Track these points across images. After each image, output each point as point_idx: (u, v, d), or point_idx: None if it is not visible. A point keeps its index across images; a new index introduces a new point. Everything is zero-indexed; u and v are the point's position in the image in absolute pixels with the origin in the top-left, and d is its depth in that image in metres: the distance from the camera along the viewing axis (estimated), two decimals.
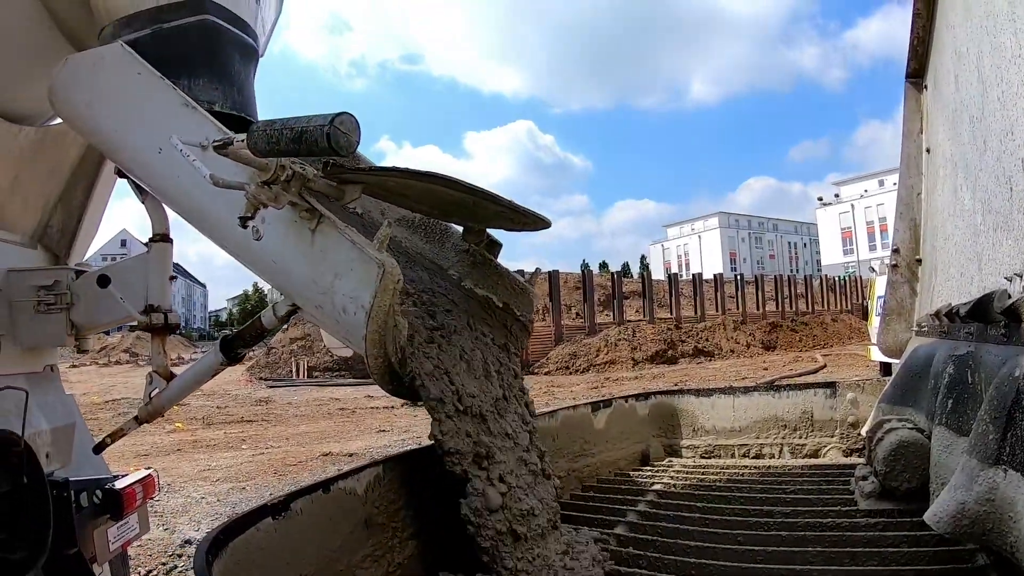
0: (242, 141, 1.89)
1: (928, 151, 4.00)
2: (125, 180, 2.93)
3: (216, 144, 1.93)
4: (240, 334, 2.75)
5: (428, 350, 2.31)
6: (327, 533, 2.04)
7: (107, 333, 51.42)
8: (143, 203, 2.93)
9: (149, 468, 3.45)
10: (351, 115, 1.73)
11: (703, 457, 4.36)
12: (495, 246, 2.95)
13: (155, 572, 5.77)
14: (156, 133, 2.40)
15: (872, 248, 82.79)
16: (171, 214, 2.91)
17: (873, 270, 18.06)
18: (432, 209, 2.55)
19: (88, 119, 2.65)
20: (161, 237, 2.97)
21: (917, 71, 4.13)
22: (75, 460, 3.28)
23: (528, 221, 2.58)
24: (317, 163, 2.13)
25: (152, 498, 3.50)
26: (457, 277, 2.86)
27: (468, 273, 2.89)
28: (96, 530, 3.03)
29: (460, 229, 2.92)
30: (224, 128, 2.26)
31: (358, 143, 1.75)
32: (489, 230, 2.88)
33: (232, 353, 2.73)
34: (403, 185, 2.16)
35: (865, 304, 18.36)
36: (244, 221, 2.01)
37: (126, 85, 2.52)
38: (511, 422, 2.58)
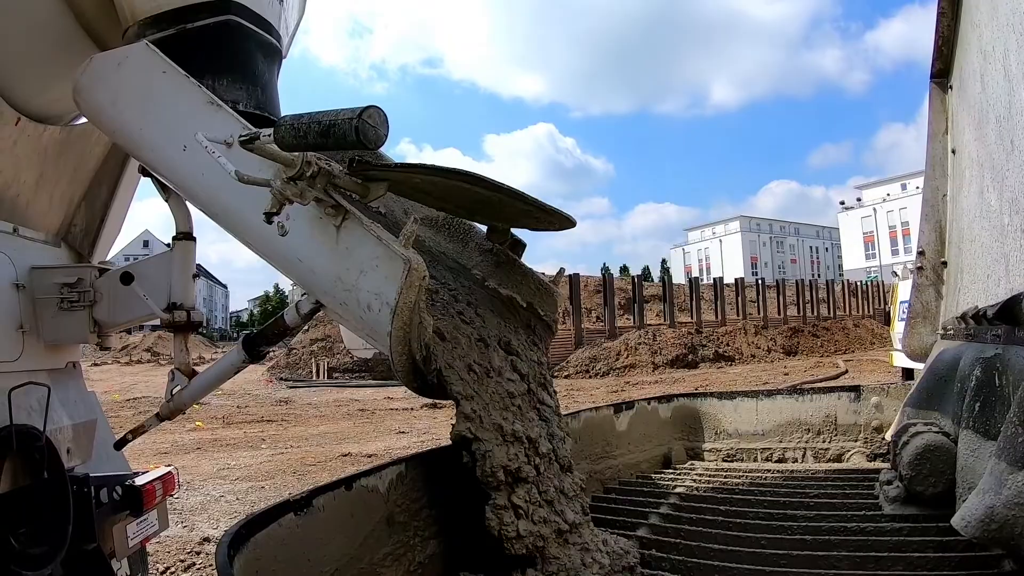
0: (268, 135, 1.89)
1: (954, 152, 3.96)
2: (149, 179, 2.94)
3: (243, 139, 1.94)
4: (263, 332, 2.76)
5: (453, 348, 2.31)
6: (349, 531, 2.04)
7: (129, 332, 51.99)
8: (167, 201, 2.95)
9: (169, 465, 3.48)
10: (379, 108, 1.72)
11: (725, 460, 4.34)
12: (519, 246, 2.94)
13: (173, 569, 5.82)
14: (181, 131, 2.41)
15: (895, 252, 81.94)
16: (194, 212, 2.93)
17: (896, 274, 17.83)
18: (457, 208, 2.55)
19: (112, 118, 2.65)
20: (185, 235, 2.99)
21: (942, 71, 4.08)
22: (96, 456, 3.30)
23: (554, 220, 2.57)
24: (342, 160, 2.14)
25: (172, 495, 3.53)
26: (481, 276, 2.86)
27: (492, 273, 2.88)
28: (115, 526, 3.05)
29: (483, 229, 2.91)
30: (249, 125, 2.27)
31: (386, 136, 1.75)
32: (513, 230, 2.87)
33: (255, 351, 2.75)
34: (429, 183, 2.16)
35: (887, 309, 18.10)
36: (269, 217, 2.01)
37: (151, 83, 2.53)
38: (537, 420, 2.56)
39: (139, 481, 3.16)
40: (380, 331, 2.00)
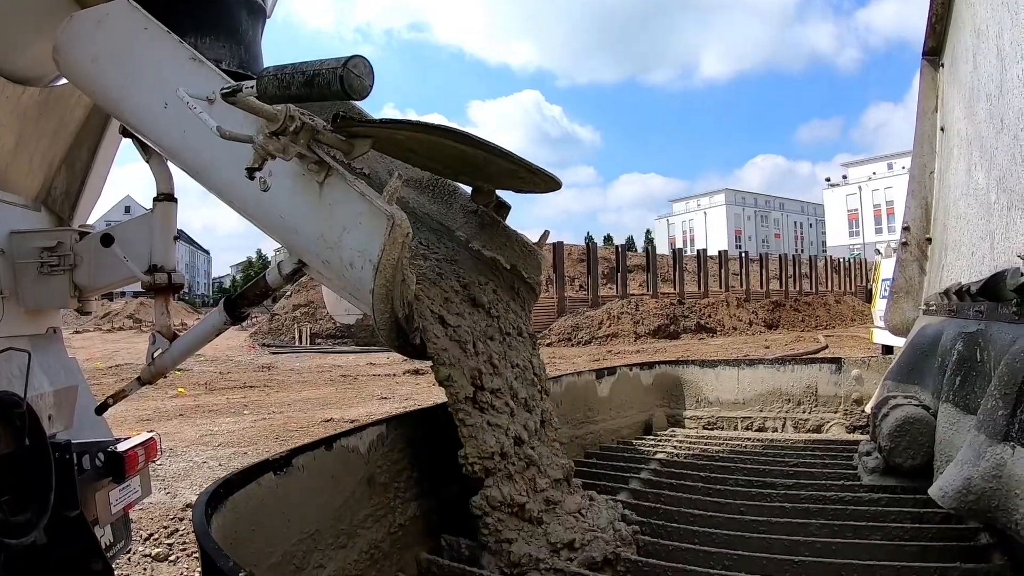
0: (251, 87, 1.84)
1: (943, 130, 3.95)
2: (130, 140, 2.89)
3: (225, 91, 1.88)
4: (244, 293, 2.73)
5: (435, 307, 2.30)
6: (329, 491, 2.03)
7: (110, 299, 51.62)
8: (147, 162, 2.90)
9: (151, 431, 3.46)
10: (364, 58, 1.68)
11: (706, 428, 4.37)
12: (504, 208, 2.91)
13: (156, 535, 5.81)
14: (162, 88, 2.37)
15: (878, 231, 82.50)
16: (176, 174, 2.89)
17: (879, 252, 17.93)
18: (442, 167, 2.52)
19: (93, 77, 2.60)
20: (165, 196, 2.94)
21: (934, 49, 4.06)
22: (77, 423, 3.28)
23: (539, 181, 2.55)
24: (326, 117, 2.09)
25: (154, 461, 3.51)
26: (465, 238, 2.83)
27: (476, 234, 2.85)
28: (98, 493, 3.03)
29: (468, 190, 2.88)
30: (231, 80, 2.21)
31: (371, 87, 1.71)
32: (498, 192, 2.84)
33: (236, 312, 2.71)
34: (414, 140, 2.12)
35: (869, 287, 18.29)
36: (251, 172, 1.97)
37: (132, 40, 2.48)
38: (520, 383, 2.56)
39: (121, 447, 3.14)
40: (363, 289, 1.97)
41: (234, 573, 1.14)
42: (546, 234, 3.00)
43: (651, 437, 4.14)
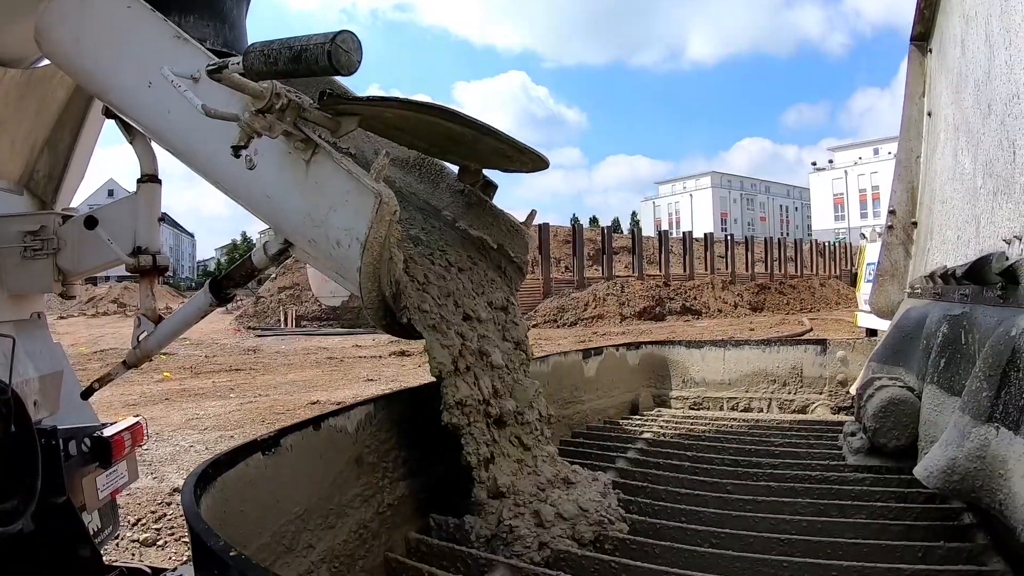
0: (237, 63, 1.81)
1: (929, 115, 3.97)
2: (113, 121, 2.84)
3: (211, 68, 1.85)
4: (230, 274, 2.70)
5: (424, 285, 2.29)
6: (317, 471, 2.02)
7: (95, 283, 51.17)
8: (131, 143, 2.86)
9: (137, 416, 3.44)
10: (352, 33, 1.65)
11: (692, 408, 4.39)
12: (491, 187, 2.90)
13: (144, 520, 5.81)
14: (146, 67, 2.32)
15: (864, 216, 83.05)
16: (160, 155, 2.85)
17: (864, 237, 18.10)
18: (429, 145, 2.50)
19: (76, 57, 2.55)
20: (149, 178, 2.90)
21: (922, 35, 4.06)
22: (63, 408, 3.26)
23: (527, 160, 2.54)
24: (312, 95, 2.07)
25: (140, 445, 3.50)
26: (451, 218, 2.82)
27: (463, 214, 2.84)
28: (85, 478, 3.02)
29: (455, 170, 2.86)
30: (216, 58, 2.18)
31: (359, 63, 1.68)
32: (485, 171, 2.83)
33: (221, 294, 2.69)
34: (401, 118, 2.10)
35: (854, 271, 18.43)
36: (237, 151, 1.94)
37: (115, 19, 2.42)
38: (508, 361, 2.57)
39: (107, 432, 3.12)
40: (350, 267, 1.96)
41: (224, 552, 1.13)
42: (533, 213, 2.99)
43: (637, 417, 4.16)
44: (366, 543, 2.13)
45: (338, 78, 2.69)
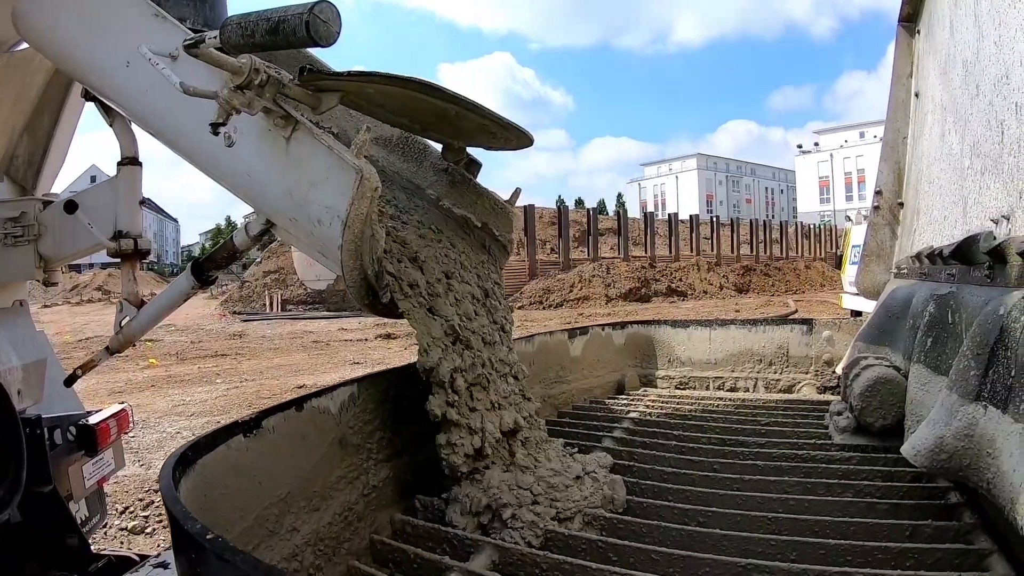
0: (214, 37, 1.77)
1: (917, 96, 3.96)
2: (93, 104, 2.80)
3: (187, 43, 1.81)
4: (212, 256, 2.66)
5: (406, 262, 2.26)
6: (300, 453, 1.99)
7: (78, 271, 50.77)
8: (111, 126, 2.82)
9: (122, 403, 3.41)
10: (331, 3, 1.61)
11: (678, 388, 4.39)
12: (475, 165, 2.86)
13: (132, 508, 5.79)
14: (124, 46, 2.28)
15: (849, 198, 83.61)
16: (142, 139, 2.81)
17: (849, 219, 18.19)
18: (412, 122, 2.46)
19: (54, 39, 2.51)
20: (130, 160, 2.86)
21: (910, 16, 4.05)
22: (47, 397, 3.23)
23: (511, 137, 2.50)
24: (293, 71, 2.03)
25: (126, 433, 3.48)
26: (435, 196, 2.78)
27: (446, 192, 2.80)
28: (71, 467, 3.01)
29: (439, 148, 2.83)
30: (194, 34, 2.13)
31: (339, 33, 1.64)
32: (469, 149, 2.79)
33: (203, 276, 2.65)
34: (383, 94, 2.06)
35: (839, 253, 18.55)
36: (215, 128, 1.91)
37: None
38: (492, 341, 2.55)
39: (92, 420, 3.11)
40: (331, 246, 1.93)
41: (202, 536, 1.11)
42: (517, 192, 2.96)
43: (624, 397, 4.15)
44: (351, 525, 2.11)
45: (320, 57, 2.66)
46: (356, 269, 1.96)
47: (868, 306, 4.33)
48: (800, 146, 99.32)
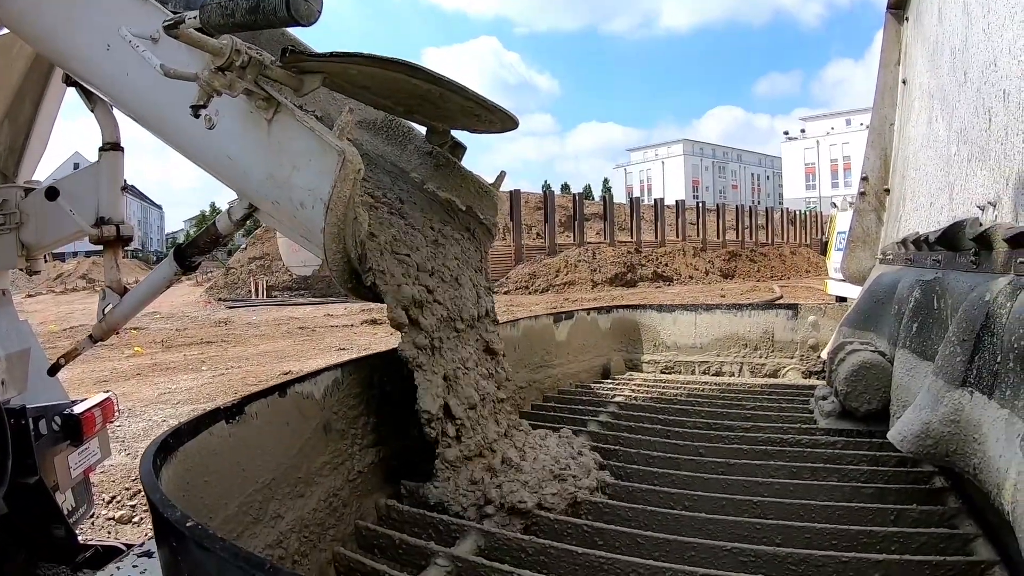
0: (194, 17, 1.73)
1: (904, 83, 3.97)
2: (74, 89, 2.78)
3: (167, 23, 1.77)
4: (194, 241, 2.64)
5: (387, 247, 2.24)
6: (284, 439, 1.97)
7: (62, 259, 50.27)
8: (92, 111, 2.79)
9: (107, 391, 3.38)
10: None
11: (663, 372, 4.41)
12: (459, 148, 2.84)
13: (119, 497, 5.75)
14: (105, 29, 2.24)
15: (835, 185, 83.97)
16: (124, 125, 2.79)
17: (835, 206, 18.25)
18: (395, 104, 2.42)
19: (35, 23, 2.47)
20: (112, 146, 2.84)
21: (899, 3, 4.06)
22: (31, 387, 3.19)
23: (496, 120, 2.48)
24: (275, 53, 1.99)
25: (112, 422, 3.46)
26: (419, 180, 2.76)
27: (431, 176, 2.78)
28: (56, 457, 2.99)
29: (423, 131, 2.80)
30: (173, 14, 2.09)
31: (319, 12, 1.61)
32: (453, 132, 2.77)
33: (186, 262, 2.63)
34: (367, 75, 2.03)
35: (825, 239, 18.61)
36: (196, 110, 1.87)
37: None
38: (474, 325, 2.55)
39: (77, 409, 3.09)
40: (314, 229, 1.91)
41: (182, 524, 1.09)
42: (502, 175, 2.93)
43: (609, 381, 4.15)
44: (336, 511, 2.10)
45: (301, 39, 2.62)
46: (339, 252, 1.94)
47: (853, 292, 4.35)
48: (786, 133, 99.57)
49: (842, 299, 12.03)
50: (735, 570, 1.69)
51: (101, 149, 2.83)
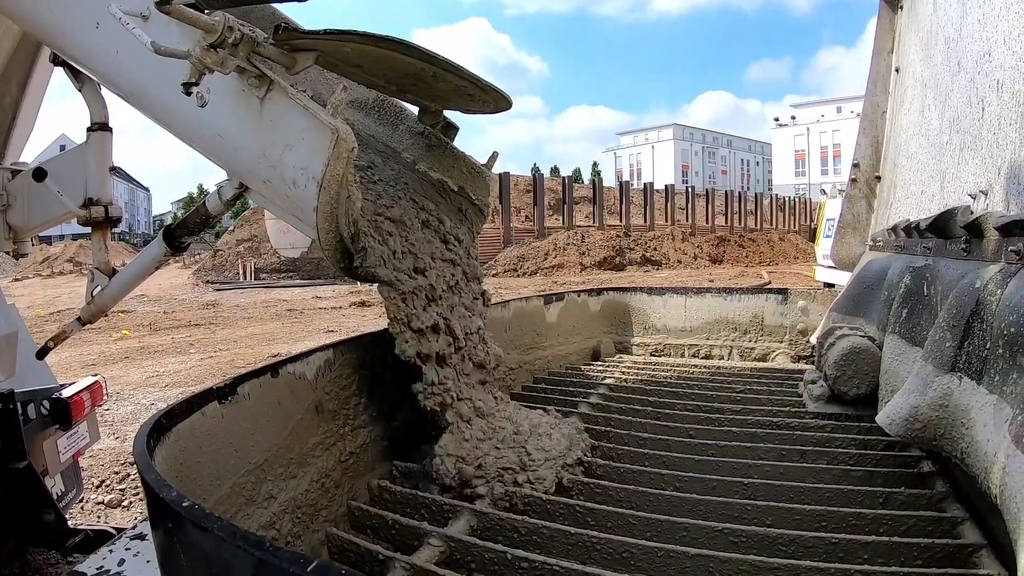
0: None
1: (897, 71, 3.98)
2: (62, 68, 2.74)
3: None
4: (184, 222, 2.61)
5: (380, 227, 2.23)
6: (277, 420, 1.97)
7: (48, 243, 49.73)
8: (80, 91, 2.76)
9: (96, 375, 3.36)
10: None
11: (653, 355, 4.42)
12: (451, 129, 2.82)
13: (108, 481, 5.73)
14: (94, 6, 2.21)
15: (824, 172, 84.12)
16: (112, 105, 2.76)
17: (824, 193, 18.32)
18: (388, 84, 2.40)
19: (21, 1, 2.44)
20: (100, 126, 2.81)
21: None
22: (19, 371, 3.17)
23: (489, 100, 2.46)
24: (267, 30, 1.97)
25: (100, 405, 3.44)
26: (411, 160, 2.73)
27: (423, 156, 2.76)
28: (45, 441, 2.98)
29: (415, 111, 2.78)
30: None
31: None
32: (445, 112, 2.75)
33: (175, 243, 2.60)
34: (360, 53, 2.01)
35: (813, 226, 18.71)
36: (188, 88, 1.85)
37: None
38: (464, 306, 2.55)
39: (66, 393, 3.08)
40: (306, 208, 1.89)
41: (179, 504, 1.09)
42: (495, 155, 2.92)
43: (599, 363, 4.17)
44: (329, 492, 2.10)
45: (292, 18, 2.60)
46: (331, 231, 1.93)
47: (841, 279, 4.37)
48: (777, 119, 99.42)
49: (830, 286, 12.10)
50: (727, 550, 1.70)
51: (89, 129, 2.80)
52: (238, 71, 1.88)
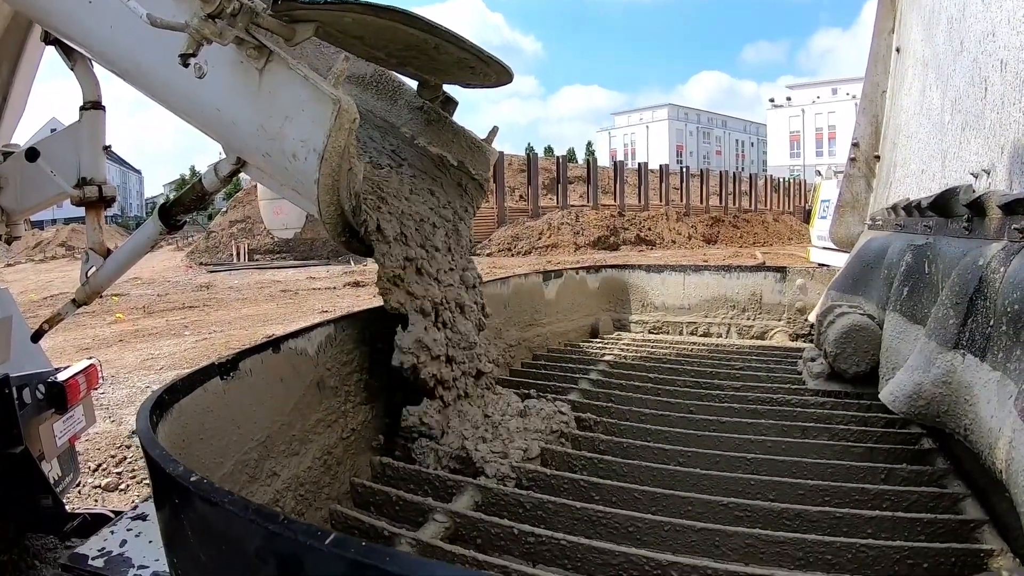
0: None
1: (898, 51, 3.95)
2: (53, 47, 2.69)
3: None
4: (180, 199, 2.57)
5: (380, 205, 2.22)
6: (278, 396, 1.96)
7: (40, 227, 49.37)
8: (72, 70, 2.70)
9: (91, 358, 3.34)
10: None
11: (651, 333, 4.43)
12: (451, 103, 2.78)
13: (105, 465, 5.72)
14: None
15: (819, 154, 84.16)
16: (104, 83, 2.72)
17: (819, 174, 18.34)
18: (388, 56, 2.36)
19: None
20: (92, 105, 2.75)
21: None
22: (14, 356, 3.15)
23: (491, 72, 2.43)
24: (266, 1, 1.93)
25: (95, 388, 3.43)
26: (410, 135, 2.70)
27: (422, 131, 2.72)
28: (41, 426, 2.97)
29: (413, 86, 2.74)
30: None
31: None
32: (445, 87, 2.72)
33: (171, 221, 2.57)
34: (360, 24, 1.97)
35: (808, 207, 18.72)
36: (185, 59, 1.81)
37: None
38: (459, 281, 2.55)
39: (61, 377, 3.07)
40: (307, 181, 1.86)
41: (186, 478, 1.06)
42: (495, 130, 2.88)
43: (597, 341, 4.18)
44: (331, 469, 2.10)
45: None
46: (333, 205, 1.90)
47: (835, 260, 4.38)
48: (772, 100, 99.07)
49: (824, 267, 12.17)
50: (732, 524, 1.70)
51: (82, 108, 2.75)
52: (236, 42, 1.85)
